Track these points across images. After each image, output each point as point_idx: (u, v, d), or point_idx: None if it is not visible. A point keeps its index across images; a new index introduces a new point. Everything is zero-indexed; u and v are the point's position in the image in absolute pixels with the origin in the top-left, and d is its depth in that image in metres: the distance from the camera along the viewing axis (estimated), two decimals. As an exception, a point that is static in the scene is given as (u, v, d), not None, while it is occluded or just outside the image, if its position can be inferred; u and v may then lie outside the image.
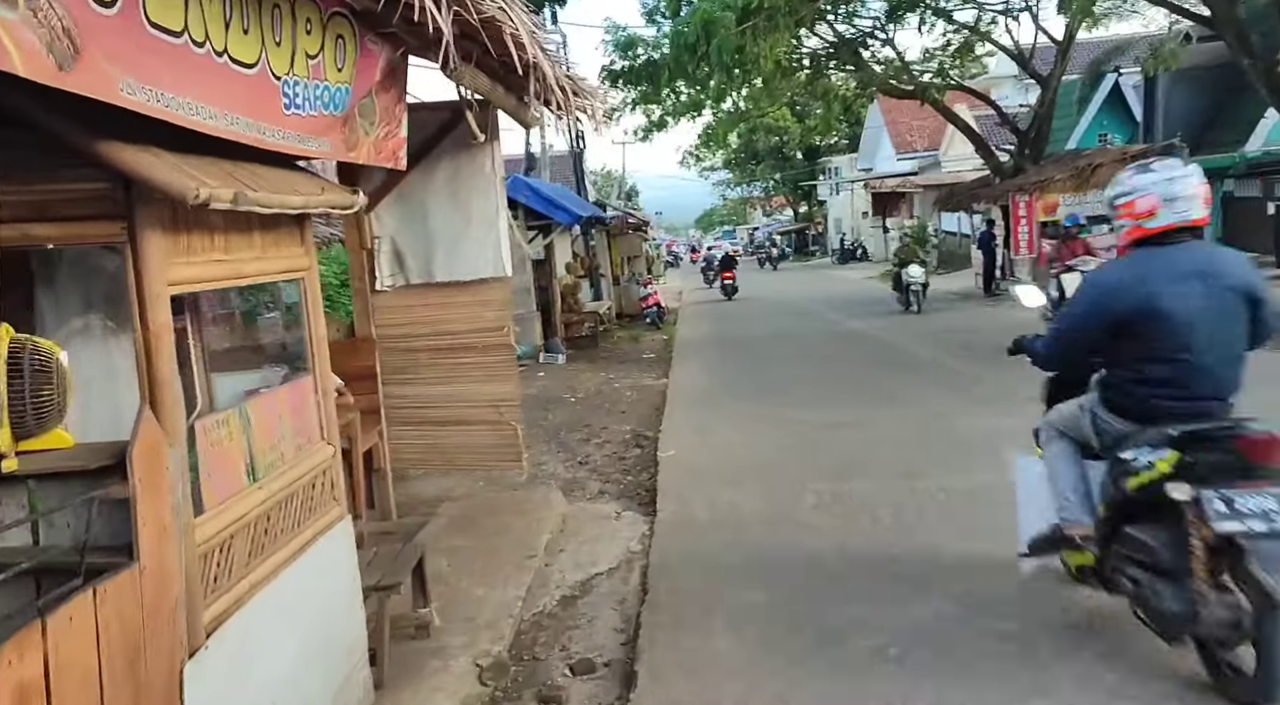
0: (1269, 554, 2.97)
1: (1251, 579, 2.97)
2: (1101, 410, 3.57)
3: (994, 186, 22.16)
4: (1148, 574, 3.23)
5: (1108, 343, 3.45)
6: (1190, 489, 3.08)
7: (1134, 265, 3.43)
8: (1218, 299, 3.30)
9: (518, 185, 14.61)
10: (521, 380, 13.27)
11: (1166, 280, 3.29)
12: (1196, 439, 3.16)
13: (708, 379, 11.93)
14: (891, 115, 47.81)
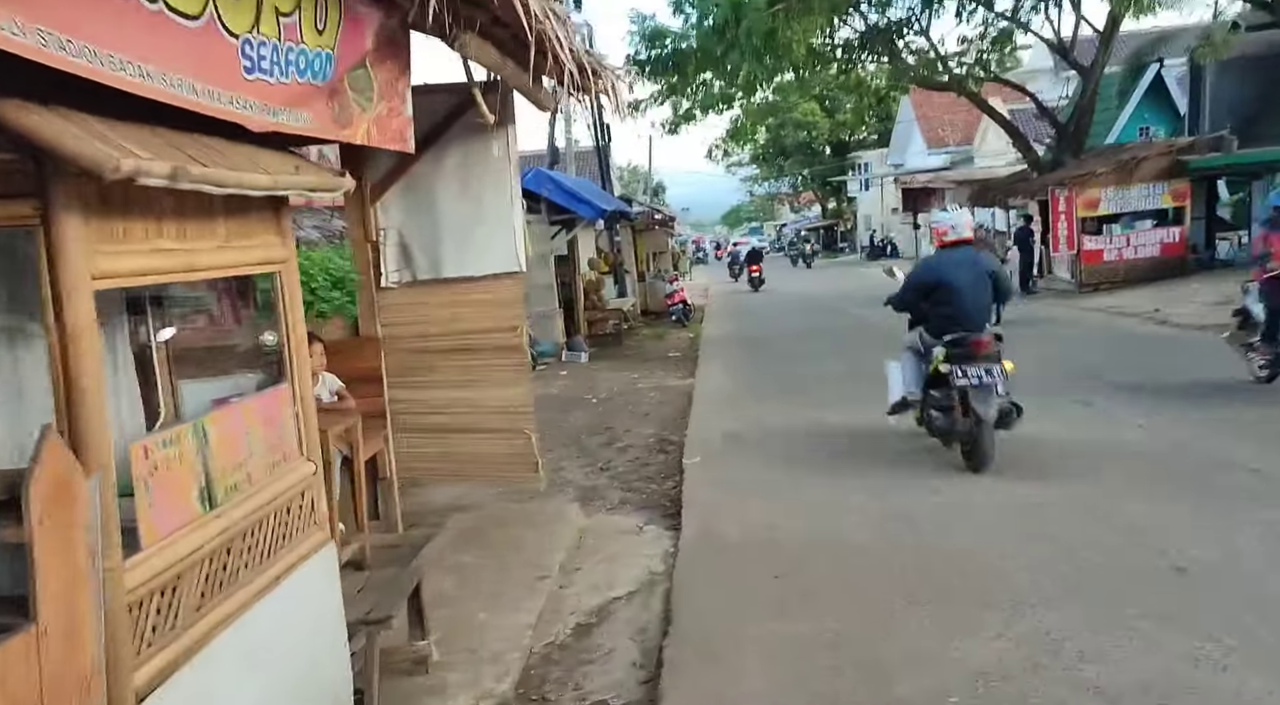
0: (978, 396, 5.99)
1: (971, 409, 5.98)
2: (924, 332, 6.65)
3: (1032, 181, 21.45)
4: (938, 413, 6.28)
5: (924, 298, 6.58)
6: (949, 366, 6.17)
7: (936, 259, 6.76)
8: (975, 277, 6.41)
9: (540, 178, 14.21)
10: (543, 380, 12.94)
11: (951, 267, 6.46)
12: (955, 343, 6.22)
13: (735, 379, 11.47)
14: (923, 109, 46.97)
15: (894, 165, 51.85)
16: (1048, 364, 10.32)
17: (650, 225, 24.99)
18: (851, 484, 5.95)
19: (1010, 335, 13.31)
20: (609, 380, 12.30)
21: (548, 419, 9.38)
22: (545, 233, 14.56)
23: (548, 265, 14.55)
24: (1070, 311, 16.29)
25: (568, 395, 11.10)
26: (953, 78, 22.02)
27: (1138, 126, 28.02)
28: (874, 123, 59.34)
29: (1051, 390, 8.59)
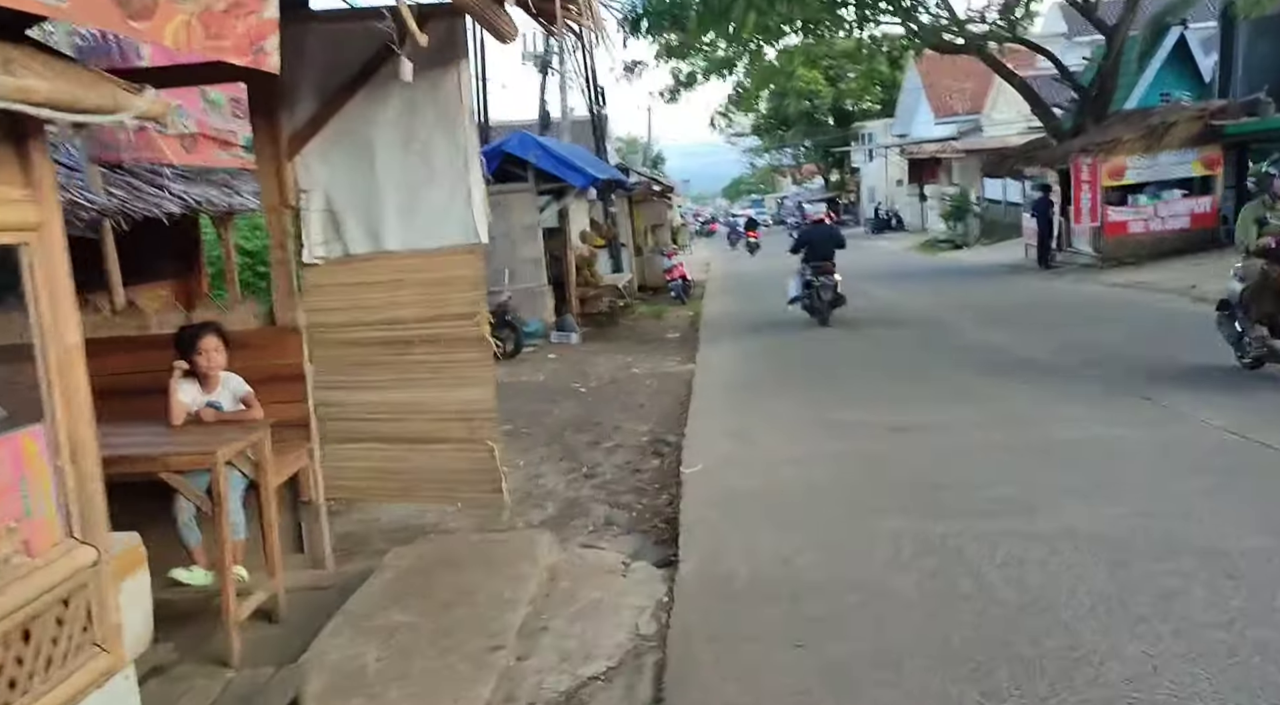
0: (820, 284, 12.83)
1: (815, 289, 12.95)
2: (802, 263, 13.20)
3: (1052, 149, 20.25)
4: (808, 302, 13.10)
5: (803, 247, 13.39)
6: (812, 277, 12.98)
7: (808, 229, 14.42)
8: (825, 236, 13.62)
9: (527, 143, 13.08)
10: (528, 364, 11.88)
11: (815, 232, 13.88)
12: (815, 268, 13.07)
13: (740, 365, 10.40)
14: (931, 77, 45.48)
15: (899, 136, 50.42)
16: (1089, 352, 9.25)
17: (648, 196, 23.80)
18: (879, 505, 4.90)
19: (1037, 319, 12.35)
20: (601, 365, 11.24)
21: (530, 411, 8.34)
22: (532, 202, 13.44)
23: (535, 238, 13.45)
24: (1097, 288, 15.19)
25: (555, 383, 10.04)
26: (970, 39, 20.75)
27: (1159, 92, 26.64)
28: (878, 92, 57.93)
29: (1105, 385, 7.52)
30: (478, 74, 17.30)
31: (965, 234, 32.30)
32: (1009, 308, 13.94)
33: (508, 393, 9.38)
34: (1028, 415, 6.68)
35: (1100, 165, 17.93)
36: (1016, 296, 15.44)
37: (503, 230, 13.35)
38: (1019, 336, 10.64)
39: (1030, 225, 21.61)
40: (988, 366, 8.95)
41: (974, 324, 12.15)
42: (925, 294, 16.83)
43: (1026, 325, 11.74)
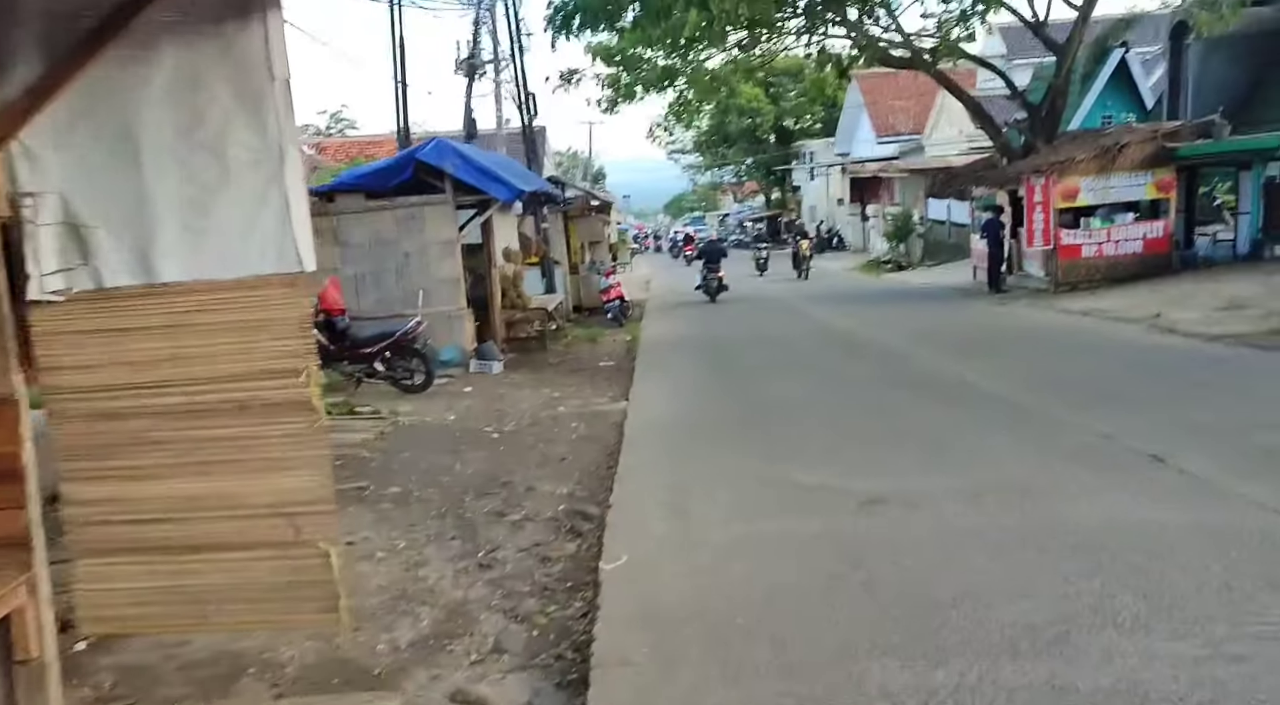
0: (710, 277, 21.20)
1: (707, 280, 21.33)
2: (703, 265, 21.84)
3: (1002, 169, 19.56)
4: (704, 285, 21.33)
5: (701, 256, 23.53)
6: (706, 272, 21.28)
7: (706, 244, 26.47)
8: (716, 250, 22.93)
9: (444, 150, 11.71)
10: (441, 399, 10.44)
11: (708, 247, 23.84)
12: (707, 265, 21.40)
13: (678, 404, 9.15)
14: (872, 96, 45.30)
15: (840, 154, 50.19)
16: (1066, 391, 8.21)
17: (585, 212, 22.54)
18: (862, 636, 3.67)
19: (1000, 349, 11.36)
20: (523, 400, 9.89)
21: (428, 466, 6.96)
22: (449, 216, 12.06)
23: (452, 255, 12.05)
24: (1056, 317, 14.33)
25: (465, 425, 8.66)
26: (915, 53, 20.00)
27: (1100, 115, 26.48)
28: (819, 111, 57.77)
29: (1101, 438, 6.43)
30: (397, 77, 15.92)
31: (908, 255, 31.75)
32: (967, 336, 12.97)
33: (407, 439, 7.99)
34: (1024, 481, 5.53)
35: (1053, 186, 17.21)
36: (972, 323, 14.53)
37: (416, 247, 11.96)
38: (985, 370, 9.60)
39: (980, 247, 20.90)
40: (960, 409, 7.85)
41: (934, 354, 11.12)
42: (876, 320, 15.84)
43: (989, 356, 10.74)
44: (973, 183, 21.28)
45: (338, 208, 12.03)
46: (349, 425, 8.36)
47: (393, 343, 10.30)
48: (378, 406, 9.56)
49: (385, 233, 12.04)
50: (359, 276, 12.08)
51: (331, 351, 10.50)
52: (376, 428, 8.28)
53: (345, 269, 12.05)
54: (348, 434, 7.98)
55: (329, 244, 12.02)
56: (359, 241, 12.05)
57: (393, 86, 15.80)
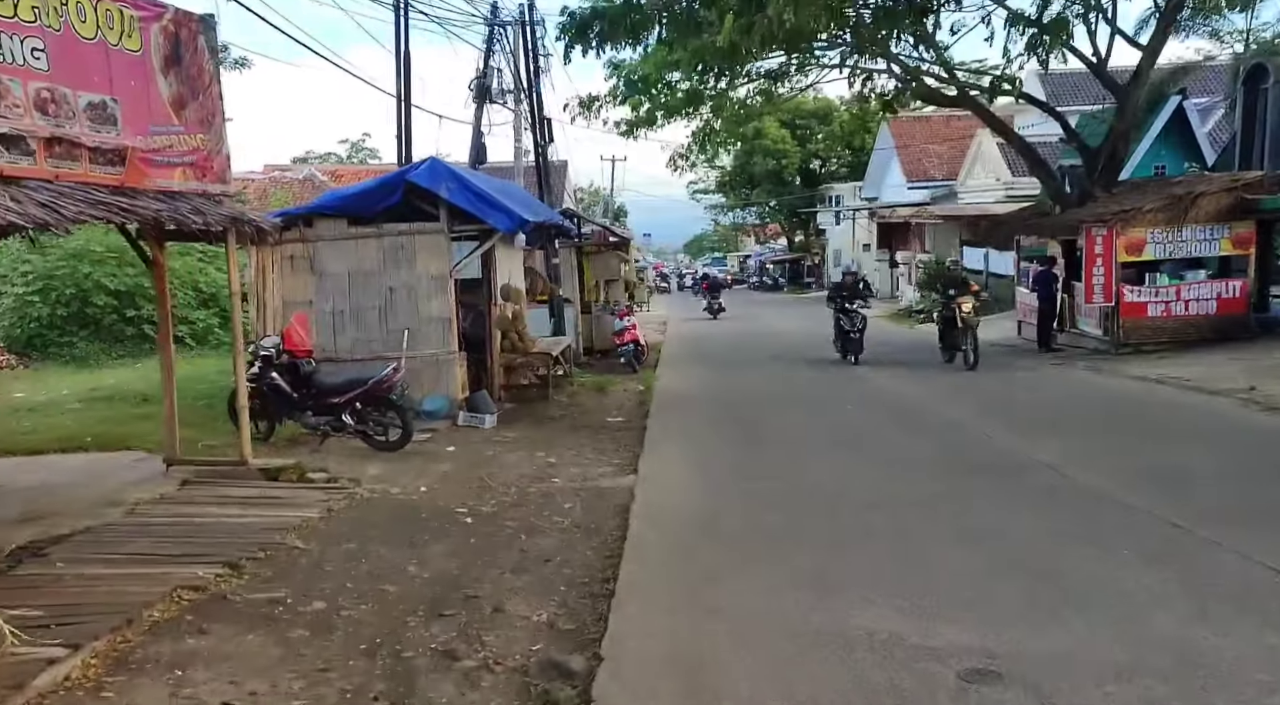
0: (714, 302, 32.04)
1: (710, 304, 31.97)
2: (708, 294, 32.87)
3: (1055, 217, 17.99)
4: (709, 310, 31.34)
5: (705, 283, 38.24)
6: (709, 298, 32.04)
7: (712, 278, 39.42)
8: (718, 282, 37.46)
9: (438, 172, 10.30)
10: (416, 460, 8.71)
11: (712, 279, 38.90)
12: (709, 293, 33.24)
13: (697, 486, 7.55)
14: (903, 139, 44.04)
15: (867, 199, 48.86)
16: (1187, 495, 6.52)
17: (602, 248, 21.12)
18: None
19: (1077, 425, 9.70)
20: (511, 467, 8.32)
21: (374, 566, 5.40)
22: (443, 247, 10.60)
23: (444, 292, 10.56)
24: (1127, 385, 12.63)
25: (437, 500, 7.07)
26: (962, 90, 18.57)
27: (1153, 165, 24.91)
28: (847, 155, 56.61)
29: (1274, 579, 4.76)
30: (400, 94, 14.59)
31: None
32: (1032, 405, 11.31)
33: (358, 521, 6.41)
34: (1190, 650, 3.88)
35: (1116, 237, 15.63)
36: (1035, 390, 12.85)
37: (404, 281, 10.49)
38: (1069, 453, 7.95)
39: (1028, 301, 19.26)
40: (1057, 513, 6.20)
41: (1001, 429, 9.47)
42: (921, 378, 14.21)
43: (1068, 434, 9.08)
44: (1021, 231, 19.69)
45: (316, 233, 10.60)
46: (291, 498, 6.79)
47: (364, 392, 8.77)
48: (338, 470, 8.01)
49: (368, 263, 10.58)
50: (336, 313, 10.60)
51: (294, 399, 8.99)
52: (326, 502, 6.71)
53: (321, 303, 10.59)
54: (286, 511, 6.41)
55: (303, 273, 10.58)
56: (338, 272, 10.59)
57: (396, 105, 14.49)
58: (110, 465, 7.80)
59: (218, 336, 16.08)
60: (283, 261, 10.52)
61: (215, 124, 6.94)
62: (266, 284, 10.44)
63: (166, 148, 6.38)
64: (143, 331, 15.38)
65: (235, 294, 7.42)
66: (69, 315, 15.21)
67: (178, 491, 6.88)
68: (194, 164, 6.67)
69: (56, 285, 15.08)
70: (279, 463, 7.49)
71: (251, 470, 7.29)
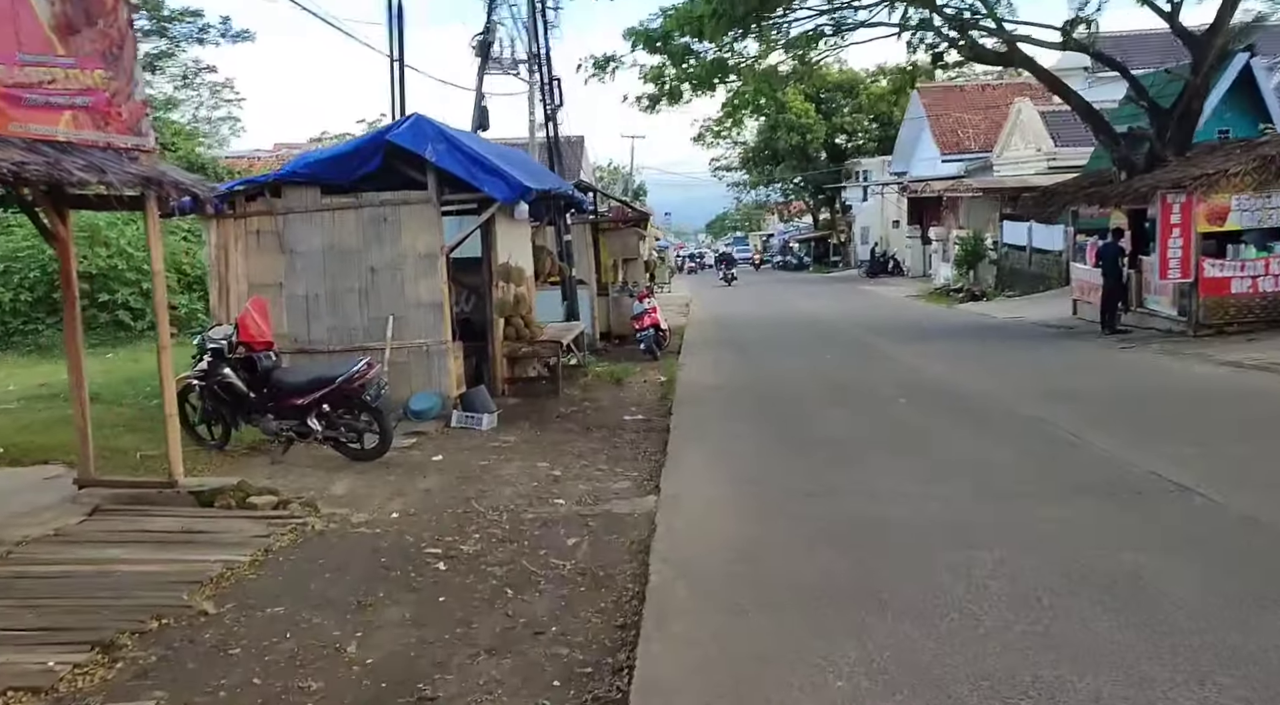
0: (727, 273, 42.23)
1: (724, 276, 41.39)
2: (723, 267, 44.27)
3: (1121, 185, 16.22)
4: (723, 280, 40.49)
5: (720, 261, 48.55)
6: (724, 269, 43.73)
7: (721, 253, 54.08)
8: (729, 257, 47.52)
9: (423, 131, 8.81)
10: (393, 475, 5.22)
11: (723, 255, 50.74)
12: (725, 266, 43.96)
13: (735, 504, 6.05)
14: (936, 110, 42.00)
15: (896, 173, 46.84)
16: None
17: (619, 225, 19.57)
18: None
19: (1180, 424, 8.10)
20: (506, 483, 6.85)
21: (300, 644, 3.95)
22: (432, 220, 9.12)
23: (434, 272, 9.09)
24: (1223, 373, 10.94)
25: (404, 536, 5.60)
26: (1013, 46, 16.79)
27: (1216, 128, 22.98)
28: (874, 129, 54.54)
29: None
30: (393, 54, 13.08)
31: (978, 282, 28.33)
32: (1120, 399, 9.69)
33: (297, 569, 4.96)
34: None
35: (1196, 205, 13.90)
36: (1109, 378, 11.22)
37: (388, 260, 9.03)
38: (1202, 468, 6.37)
39: (1086, 278, 17.56)
40: (1247, 567, 4.65)
41: (1092, 430, 7.88)
42: (974, 365, 12.62)
43: (1181, 437, 7.50)
44: (1079, 202, 17.92)
45: (285, 204, 9.14)
46: (222, 533, 5.35)
47: (332, 392, 7.32)
48: (297, 488, 6.59)
49: (347, 239, 9.12)
50: (310, 296, 9.16)
51: (251, 400, 7.56)
52: (265, 539, 5.27)
53: (293, 286, 9.16)
54: (210, 553, 4.97)
55: (271, 251, 9.14)
56: (311, 249, 9.14)
57: (389, 65, 12.99)
58: (14, 485, 6.41)
59: (203, 322, 14.75)
60: (247, 237, 9.09)
61: (124, 59, 5.47)
62: (229, 263, 9.01)
63: (45, 84, 4.92)
64: (118, 318, 14.06)
65: (158, 274, 5.97)
66: (35, 301, 13.92)
67: (80, 525, 5.47)
68: (90, 108, 5.21)
69: (19, 268, 13.76)
70: (217, 483, 6.06)
71: (181, 493, 5.88)
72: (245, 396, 7.53)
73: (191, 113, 39.65)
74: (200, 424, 7.80)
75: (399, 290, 9.09)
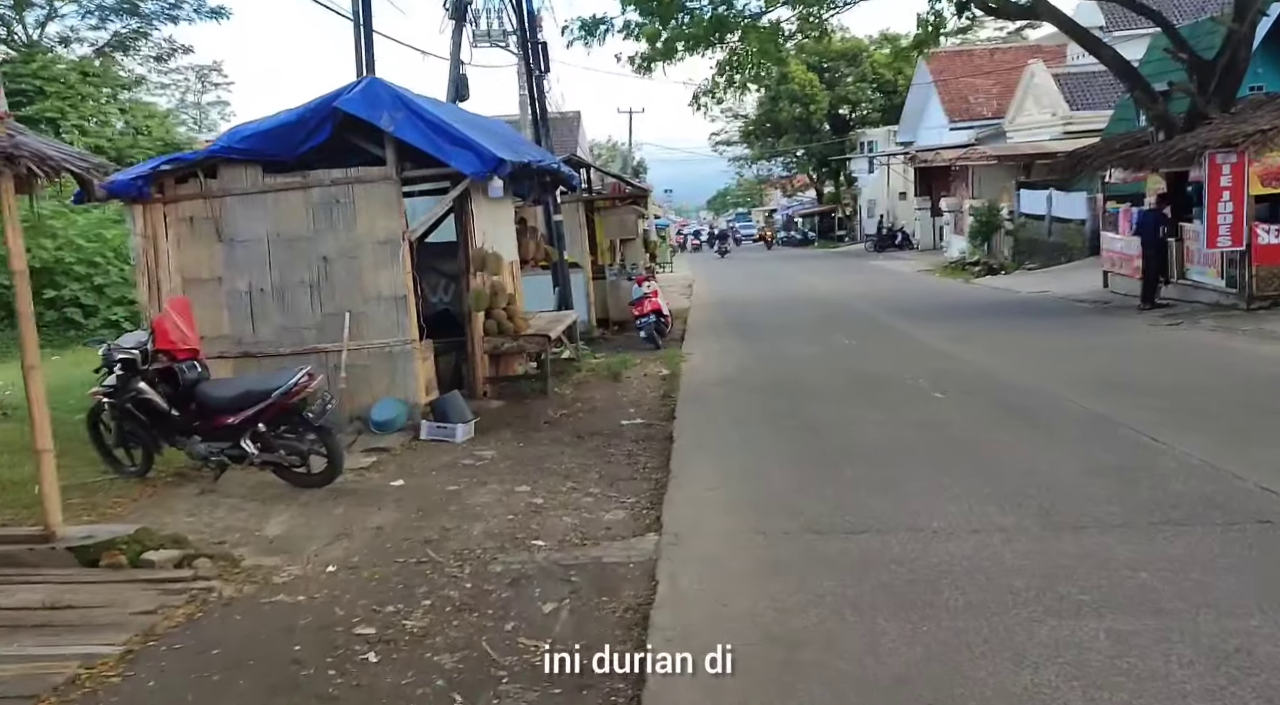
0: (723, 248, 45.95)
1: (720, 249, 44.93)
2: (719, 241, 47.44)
3: (1157, 145, 14.88)
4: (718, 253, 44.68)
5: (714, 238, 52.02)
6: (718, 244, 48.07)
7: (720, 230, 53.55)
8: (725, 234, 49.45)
9: (376, 96, 7.56)
10: (340, 508, 3.01)
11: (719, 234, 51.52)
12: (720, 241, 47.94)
13: (754, 546, 4.82)
14: (943, 75, 40.38)
15: (902, 143, 45.31)
16: None
17: (614, 202, 18.24)
18: None
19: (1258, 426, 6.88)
20: (478, 517, 5.64)
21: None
22: (390, 199, 7.86)
23: (394, 261, 7.83)
24: None
25: (332, 607, 4.39)
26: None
27: (1249, 85, 21.54)
28: (878, 98, 52.95)
29: None
30: (358, 12, 11.76)
31: (994, 255, 26.96)
32: (1184, 386, 8.46)
33: (176, 664, 3.74)
34: None
35: (1249, 166, 12.59)
36: (1167, 361, 9.98)
37: (342, 248, 7.79)
38: None
39: (1119, 248, 16.28)
40: None
41: (1163, 425, 6.65)
42: (1007, 349, 11.40)
43: (1271, 436, 6.29)
44: (1111, 165, 16.56)
45: (221, 185, 7.88)
46: (99, 610, 4.14)
47: (266, 408, 6.11)
48: (223, 527, 5.41)
49: (294, 225, 7.87)
50: (255, 292, 7.92)
51: (174, 419, 6.36)
52: (151, 616, 4.06)
53: (234, 280, 7.92)
54: (68, 645, 3.77)
55: (207, 241, 7.90)
56: (254, 237, 7.89)
57: (354, 29, 11.67)
58: None
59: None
60: (179, 225, 7.85)
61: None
62: (158, 256, 7.78)
63: None
64: (65, 316, 12.84)
65: (19, 274, 4.77)
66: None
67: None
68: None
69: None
70: (108, 533, 4.85)
71: (58, 549, 4.68)
72: (166, 415, 6.32)
73: (179, 97, 38.43)
74: (117, 447, 6.60)
75: (356, 283, 7.86)
